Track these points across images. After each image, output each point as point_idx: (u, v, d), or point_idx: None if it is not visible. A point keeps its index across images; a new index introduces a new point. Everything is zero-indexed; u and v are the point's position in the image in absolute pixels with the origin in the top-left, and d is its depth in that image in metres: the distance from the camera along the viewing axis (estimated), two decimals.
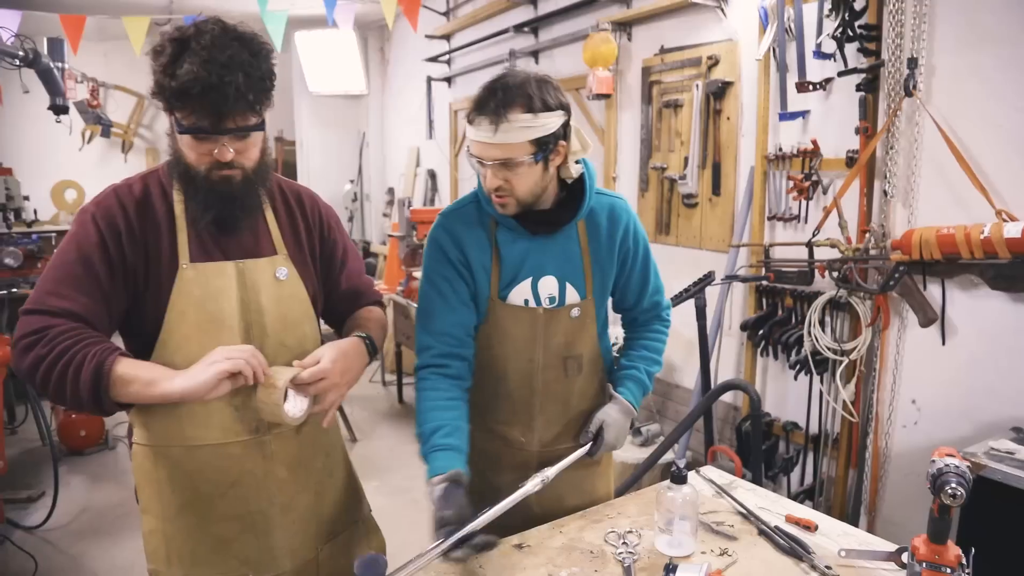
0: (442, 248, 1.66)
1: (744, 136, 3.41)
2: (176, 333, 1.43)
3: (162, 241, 1.45)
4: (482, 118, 1.48)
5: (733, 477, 1.86)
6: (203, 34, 1.33)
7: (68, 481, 4.07)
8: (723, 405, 3.58)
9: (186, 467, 1.50)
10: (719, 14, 3.46)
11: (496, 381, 1.72)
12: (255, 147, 1.46)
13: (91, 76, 7.18)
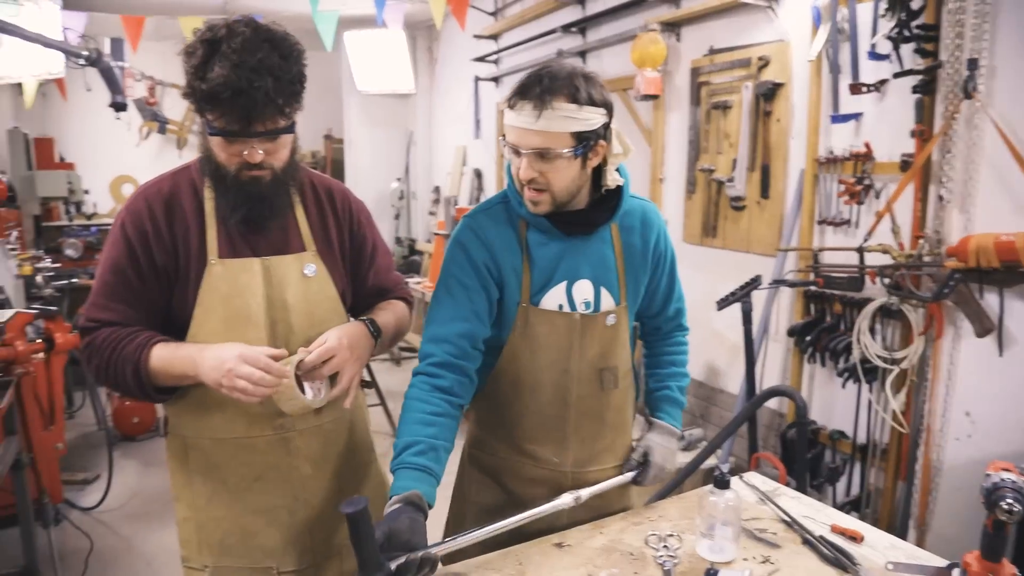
0: (467, 251, 1.56)
1: (794, 138, 3.35)
2: (204, 328, 1.48)
3: (191, 237, 1.49)
4: (525, 103, 1.42)
5: (777, 484, 1.83)
6: (234, 36, 1.35)
7: (121, 465, 4.20)
8: (768, 411, 3.53)
9: (214, 459, 1.54)
10: (770, 14, 3.41)
11: (526, 395, 1.61)
12: (284, 148, 1.48)
13: (149, 75, 7.39)
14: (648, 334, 1.83)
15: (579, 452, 1.65)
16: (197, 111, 1.41)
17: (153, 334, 1.47)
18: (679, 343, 1.82)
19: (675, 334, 1.82)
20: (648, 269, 1.67)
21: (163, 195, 1.51)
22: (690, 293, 4.25)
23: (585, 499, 1.51)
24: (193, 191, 1.53)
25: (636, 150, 4.62)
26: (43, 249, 5.67)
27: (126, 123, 6.73)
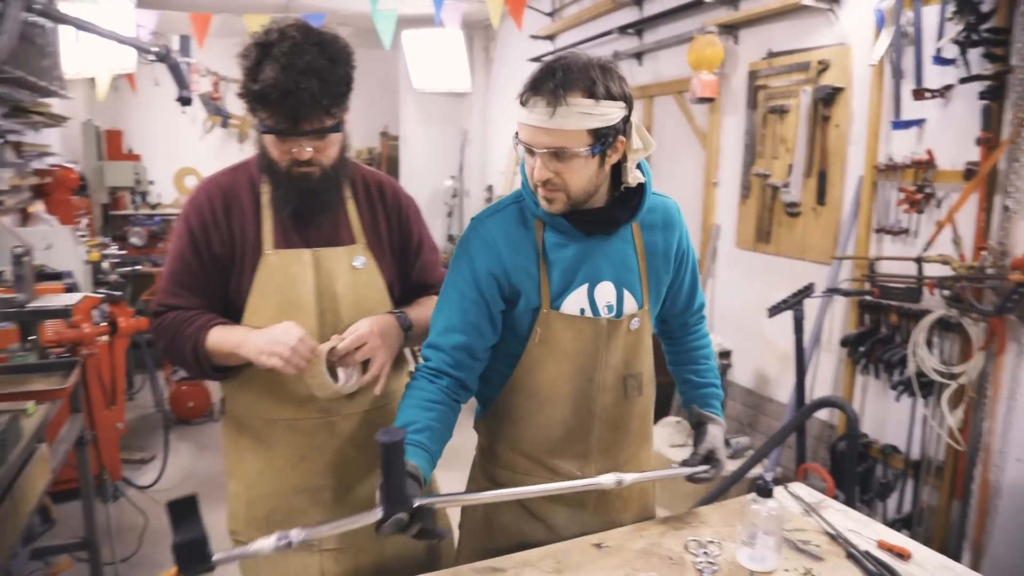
0: (471, 259, 1.48)
1: (853, 144, 3.28)
2: (258, 314, 1.56)
3: (248, 229, 1.59)
4: (538, 99, 1.32)
5: (823, 496, 1.80)
6: (284, 40, 1.43)
7: (176, 447, 4.34)
8: (818, 422, 3.46)
9: (264, 439, 1.63)
10: (831, 17, 3.34)
11: (547, 407, 1.52)
12: (333, 146, 1.55)
13: (213, 70, 7.61)
14: (674, 330, 1.74)
15: (602, 464, 1.56)
16: (250, 110, 1.48)
17: (212, 317, 1.57)
18: (704, 333, 1.77)
19: (699, 325, 1.75)
20: (671, 270, 1.59)
21: (222, 189, 1.60)
22: (741, 299, 4.22)
23: (627, 484, 1.44)
24: (251, 185, 1.61)
25: (690, 153, 4.59)
26: (110, 236, 5.90)
27: (191, 117, 6.97)
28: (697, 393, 1.72)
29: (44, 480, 2.15)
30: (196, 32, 5.39)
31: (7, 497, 1.79)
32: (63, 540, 3.07)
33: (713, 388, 1.72)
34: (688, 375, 1.74)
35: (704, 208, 4.33)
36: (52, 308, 2.34)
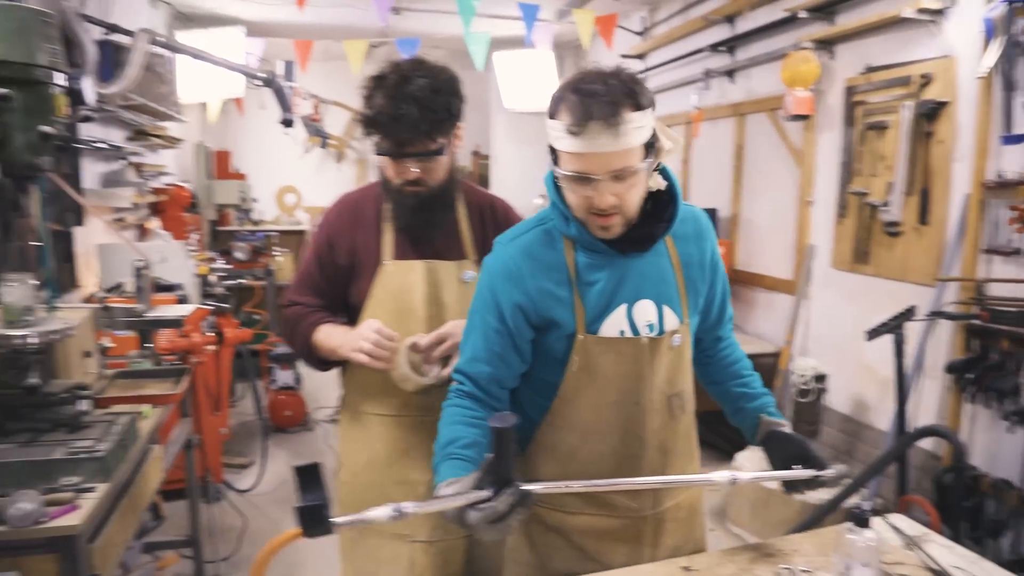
0: (493, 288, 1.43)
1: (958, 161, 3.14)
2: (375, 316, 1.73)
3: (370, 240, 1.78)
4: (596, 124, 1.24)
5: (926, 530, 1.72)
6: (396, 73, 1.63)
7: (274, 454, 4.52)
8: (921, 453, 3.30)
9: (371, 432, 1.80)
10: (934, 29, 3.22)
11: (592, 439, 1.45)
12: (439, 168, 1.71)
13: (314, 93, 7.96)
14: (708, 346, 1.65)
15: (657, 491, 1.50)
16: (365, 135, 1.68)
17: (323, 316, 1.79)
18: (736, 343, 1.69)
19: (731, 336, 1.68)
20: (707, 280, 1.54)
21: (351, 205, 1.84)
22: (837, 322, 4.09)
23: (743, 483, 1.38)
24: (377, 202, 1.81)
25: (784, 171, 4.51)
26: (216, 251, 6.24)
27: (292, 138, 7.30)
28: (756, 404, 1.61)
29: (157, 479, 2.29)
30: (299, 57, 5.66)
31: (126, 493, 1.93)
32: (170, 537, 3.26)
33: (768, 397, 1.62)
34: (737, 389, 1.63)
35: (798, 228, 4.22)
36: (167, 318, 2.51)
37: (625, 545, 1.51)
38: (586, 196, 1.33)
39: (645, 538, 1.52)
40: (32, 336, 1.75)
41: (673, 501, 1.56)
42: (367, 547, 1.79)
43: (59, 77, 1.70)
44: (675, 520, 1.58)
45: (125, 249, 3.87)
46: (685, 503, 1.59)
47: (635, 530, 1.51)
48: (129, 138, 4.75)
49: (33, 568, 1.57)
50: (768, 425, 1.56)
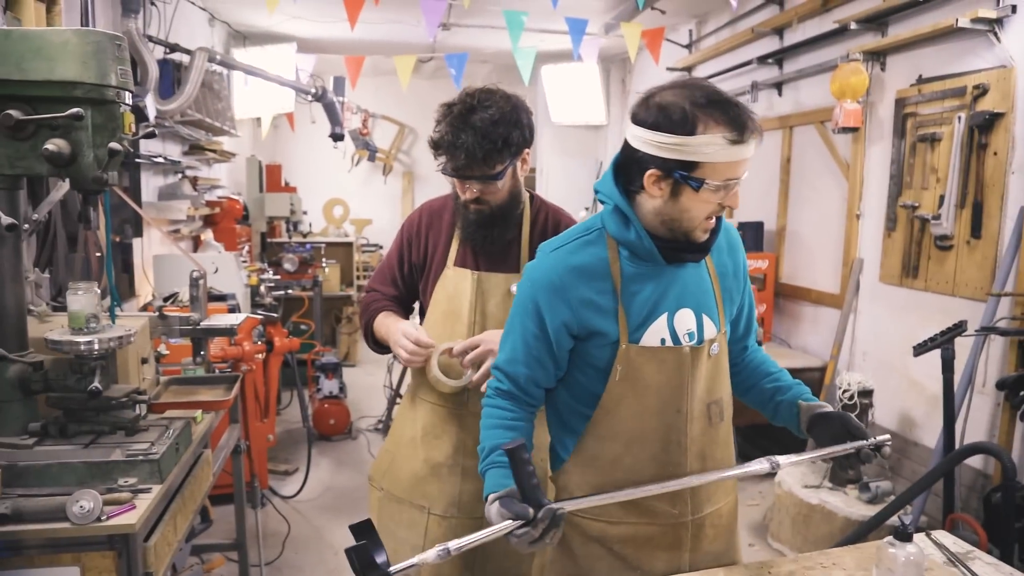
0: (535, 295, 1.46)
1: (1015, 173, 3.07)
2: (432, 316, 1.95)
3: (440, 245, 1.97)
4: (749, 134, 1.32)
5: (971, 547, 1.69)
6: (463, 102, 1.79)
7: (318, 462, 4.62)
8: (970, 471, 3.22)
9: (417, 411, 1.99)
10: (991, 39, 3.16)
11: (635, 447, 1.47)
12: (498, 191, 1.84)
13: (363, 107, 8.12)
14: (735, 355, 1.67)
15: (696, 497, 1.52)
16: (434, 156, 1.84)
17: (387, 305, 2.01)
18: (757, 346, 1.72)
19: (754, 344, 1.72)
20: (739, 291, 1.59)
21: (432, 209, 2.03)
22: (885, 337, 4.02)
23: (783, 467, 1.41)
24: (453, 212, 1.96)
25: (832, 184, 4.45)
26: (266, 262, 6.40)
27: (341, 151, 7.45)
28: (791, 394, 1.60)
29: (207, 482, 2.37)
30: (350, 73, 5.80)
31: (178, 494, 2.00)
32: (217, 540, 3.36)
33: (801, 386, 1.61)
34: (769, 385, 1.65)
35: (846, 241, 4.16)
36: (221, 327, 2.58)
37: (665, 552, 1.53)
38: (720, 202, 1.37)
39: (685, 544, 1.53)
40: (95, 343, 1.84)
41: (713, 507, 1.56)
42: (391, 510, 2.01)
43: (127, 96, 1.79)
44: (714, 527, 1.59)
45: (179, 260, 4.02)
46: (724, 510, 1.60)
47: (675, 536, 1.52)
48: (185, 152, 4.93)
49: (92, 564, 1.64)
50: (809, 410, 1.54)
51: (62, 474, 1.70)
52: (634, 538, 1.51)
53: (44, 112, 1.65)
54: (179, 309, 2.79)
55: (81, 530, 1.59)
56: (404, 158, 9.13)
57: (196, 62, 3.94)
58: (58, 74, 1.64)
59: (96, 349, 1.84)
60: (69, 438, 1.87)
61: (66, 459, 1.73)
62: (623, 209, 1.43)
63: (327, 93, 5.37)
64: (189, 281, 2.55)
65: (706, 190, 1.34)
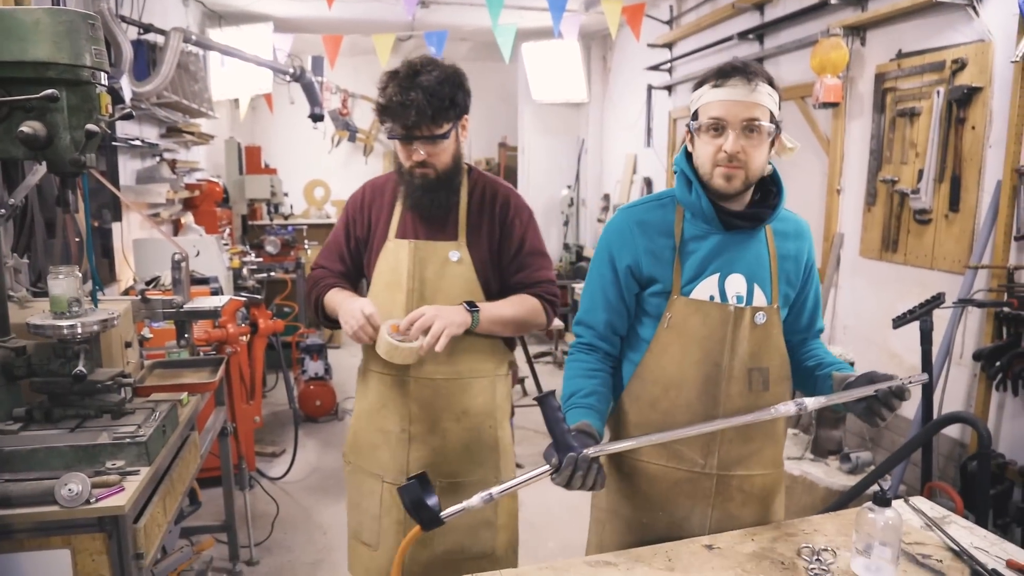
0: (609, 245, 1.67)
1: (991, 147, 3.10)
2: (375, 288, 2.01)
3: (382, 219, 2.02)
4: (736, 79, 1.51)
5: (947, 512, 1.73)
6: (407, 67, 1.84)
7: (304, 443, 4.63)
8: (948, 440, 3.29)
9: (368, 383, 2.06)
10: (969, 13, 3.18)
11: (672, 391, 1.61)
12: (444, 153, 1.90)
13: (343, 87, 8.05)
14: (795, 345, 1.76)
15: (725, 454, 1.62)
16: (380, 122, 1.90)
17: (337, 282, 2.06)
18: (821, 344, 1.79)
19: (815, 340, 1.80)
20: (800, 277, 1.69)
21: (375, 186, 2.08)
22: (865, 310, 4.07)
23: (810, 409, 1.47)
24: (394, 186, 2.03)
25: (813, 160, 4.48)
26: (248, 245, 6.35)
27: (321, 132, 7.39)
28: (828, 369, 1.66)
29: (194, 464, 2.37)
30: (328, 52, 5.74)
31: (166, 476, 2.01)
32: (206, 522, 3.36)
33: (842, 363, 1.67)
34: (812, 361, 1.72)
35: (827, 216, 4.19)
36: (204, 309, 2.57)
37: (689, 499, 1.64)
38: (718, 145, 1.53)
39: (709, 497, 1.64)
40: (79, 326, 1.83)
41: (745, 471, 1.64)
42: (357, 481, 2.10)
43: (102, 77, 1.76)
44: (743, 492, 1.65)
45: (159, 244, 3.98)
46: (758, 480, 1.67)
47: (699, 486, 1.64)
48: (163, 135, 4.87)
49: (83, 547, 1.65)
50: (842, 379, 1.57)
51: (49, 458, 1.70)
52: (662, 479, 1.65)
53: (17, 94, 1.63)
54: (161, 293, 2.78)
55: (70, 513, 1.59)
56: (384, 138, 9.06)
57: (171, 43, 3.88)
58: (30, 55, 1.62)
59: (79, 333, 1.83)
60: (55, 423, 1.87)
61: (53, 443, 1.73)
62: (687, 172, 1.61)
63: (305, 73, 5.30)
64: (171, 264, 2.54)
65: (702, 132, 1.56)
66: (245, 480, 3.53)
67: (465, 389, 1.99)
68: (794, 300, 1.70)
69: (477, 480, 2.01)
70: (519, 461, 4.46)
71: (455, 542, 2.02)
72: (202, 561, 3.02)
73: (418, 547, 2.00)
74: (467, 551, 2.03)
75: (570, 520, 3.75)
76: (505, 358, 2.09)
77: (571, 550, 3.41)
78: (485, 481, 2.02)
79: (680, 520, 1.66)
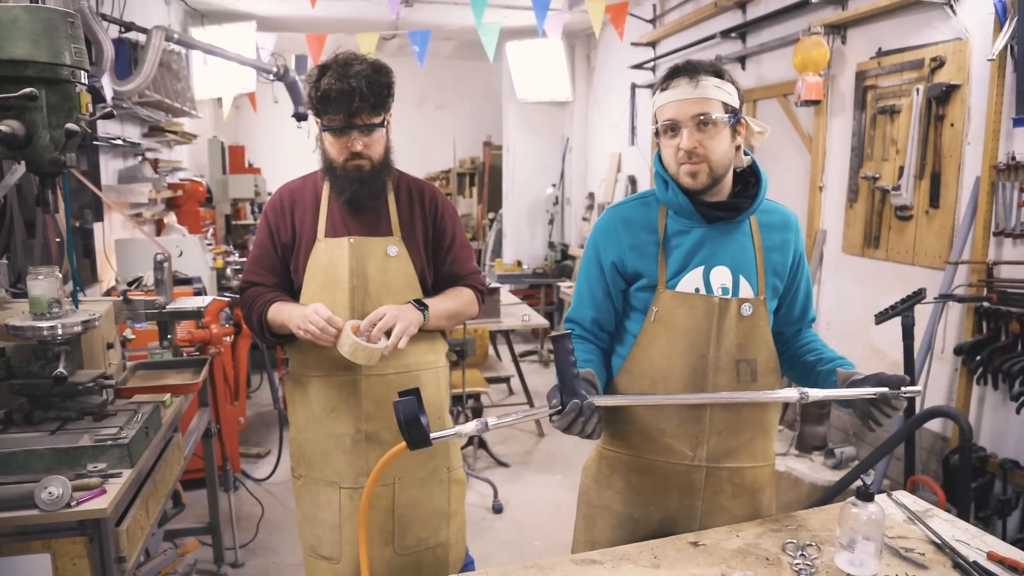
0: (596, 243, 1.71)
1: (970, 144, 3.13)
2: (308, 289, 1.97)
3: (307, 221, 1.99)
4: (679, 79, 1.55)
5: (930, 506, 1.75)
6: (337, 60, 1.85)
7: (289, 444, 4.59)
8: (930, 434, 3.32)
9: (308, 391, 2.01)
10: (947, 11, 3.21)
11: (660, 385, 1.62)
12: (379, 143, 1.92)
13: None
14: (788, 338, 1.79)
15: (715, 446, 1.63)
16: (315, 115, 1.89)
17: (276, 295, 2.00)
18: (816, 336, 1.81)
19: (809, 330, 1.82)
20: (788, 268, 1.69)
21: (292, 190, 2.05)
22: (848, 306, 4.09)
23: (811, 399, 1.49)
24: (315, 188, 2.03)
25: (795, 157, 4.50)
26: (231, 245, 6.31)
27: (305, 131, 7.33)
28: (830, 365, 1.66)
29: (178, 466, 2.36)
30: (312, 51, 5.71)
31: (149, 478, 1.99)
32: (190, 524, 3.34)
33: (843, 359, 1.67)
34: (812, 357, 1.72)
35: (809, 213, 4.22)
36: (187, 310, 2.56)
37: (678, 492, 1.66)
38: (674, 146, 1.57)
39: (698, 491, 1.65)
40: (59, 328, 1.81)
41: (734, 463, 1.66)
42: (310, 494, 2.06)
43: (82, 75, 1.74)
44: (734, 485, 1.67)
45: (142, 244, 3.95)
46: (748, 473, 1.69)
47: (688, 480, 1.65)
48: (145, 134, 4.82)
49: (64, 550, 1.63)
50: (846, 376, 1.58)
51: (29, 461, 1.68)
52: (651, 473, 1.67)
53: None
54: (144, 293, 2.75)
55: (51, 516, 1.58)
56: None
57: (153, 41, 3.84)
58: (8, 52, 1.60)
59: (60, 334, 1.81)
60: (35, 425, 1.85)
61: (32, 446, 1.71)
62: (661, 173, 1.65)
63: (289, 72, 5.28)
64: (153, 264, 2.52)
65: (661, 134, 1.61)
66: (230, 481, 3.51)
67: (415, 382, 2.00)
68: (785, 291, 1.72)
69: (431, 471, 2.05)
70: (504, 460, 4.48)
71: (414, 536, 2.05)
72: (186, 564, 3.01)
73: (380, 547, 2.01)
74: (424, 543, 2.07)
75: (555, 517, 3.76)
76: (443, 349, 2.15)
77: (557, 548, 3.41)
78: (438, 472, 2.07)
79: (671, 514, 1.67)
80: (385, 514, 2.01)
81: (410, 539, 2.04)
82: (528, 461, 4.55)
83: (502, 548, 3.48)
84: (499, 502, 3.89)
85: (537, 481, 4.25)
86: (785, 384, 1.76)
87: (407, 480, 2.02)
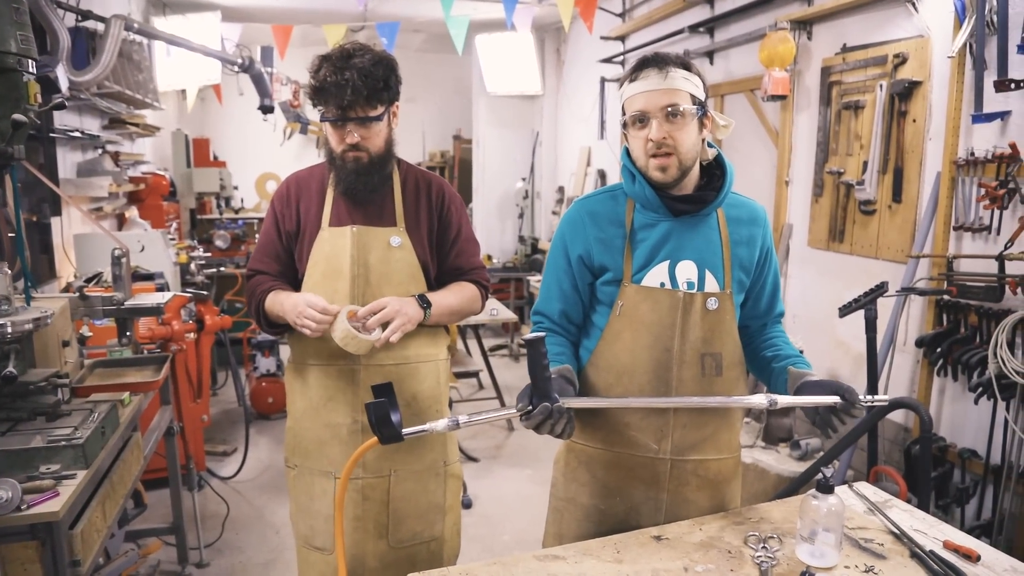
0: (563, 236, 1.71)
1: (931, 139, 3.18)
2: (310, 278, 1.96)
3: (312, 211, 1.98)
4: (648, 70, 1.55)
5: (889, 496, 1.77)
6: (338, 51, 1.84)
7: (256, 441, 4.55)
8: (892, 425, 3.37)
9: (307, 380, 1.99)
10: (909, 9, 3.25)
11: (625, 378, 1.63)
12: (378, 136, 1.90)
13: (294, 79, 7.90)
14: (754, 332, 1.79)
15: (679, 439, 1.64)
16: (314, 106, 1.88)
17: (276, 284, 1.99)
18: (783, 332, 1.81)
19: (779, 327, 1.81)
20: (755, 262, 1.69)
21: (299, 179, 2.04)
22: (813, 299, 4.13)
23: (780, 406, 1.51)
24: (321, 178, 2.01)
25: (762, 151, 4.53)
26: (196, 240, 6.21)
27: (272, 124, 7.24)
28: (785, 362, 1.68)
29: (138, 466, 2.31)
30: (278, 43, 5.62)
31: (106, 479, 1.94)
32: (153, 524, 3.28)
33: (799, 357, 1.69)
34: (770, 352, 1.73)
35: (776, 207, 4.26)
36: (146, 306, 2.50)
37: (643, 484, 1.67)
38: (643, 137, 1.57)
39: (663, 483, 1.66)
40: (8, 326, 1.76)
41: (699, 456, 1.67)
42: (304, 484, 2.03)
43: (30, 64, 1.69)
44: (699, 477, 1.68)
45: (103, 239, 3.86)
46: (713, 465, 1.69)
47: (653, 472, 1.66)
48: (105, 126, 4.71)
49: (14, 556, 1.59)
50: (798, 376, 1.61)
51: None
52: (617, 466, 1.68)
53: None
54: (103, 290, 2.69)
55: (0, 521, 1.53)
56: None
57: (111, 31, 3.75)
58: None
59: (9, 332, 1.76)
60: None
61: None
62: (628, 166, 1.64)
63: (254, 64, 5.18)
64: (111, 260, 2.46)
65: (629, 126, 1.60)
66: (193, 480, 3.45)
67: (413, 374, 1.99)
68: (751, 285, 1.71)
69: (428, 464, 2.03)
70: (474, 455, 4.47)
71: (408, 530, 2.02)
72: (149, 564, 2.95)
73: (374, 540, 1.98)
74: (418, 537, 2.04)
75: (524, 512, 3.76)
76: (445, 342, 2.13)
77: (526, 543, 3.41)
78: (435, 465, 2.05)
79: (636, 505, 1.67)
80: (380, 507, 1.98)
81: (404, 533, 2.02)
82: (498, 456, 4.54)
83: (471, 543, 3.47)
84: (468, 497, 3.88)
85: (507, 475, 4.25)
86: (750, 380, 1.77)
87: (403, 473, 2.00)
